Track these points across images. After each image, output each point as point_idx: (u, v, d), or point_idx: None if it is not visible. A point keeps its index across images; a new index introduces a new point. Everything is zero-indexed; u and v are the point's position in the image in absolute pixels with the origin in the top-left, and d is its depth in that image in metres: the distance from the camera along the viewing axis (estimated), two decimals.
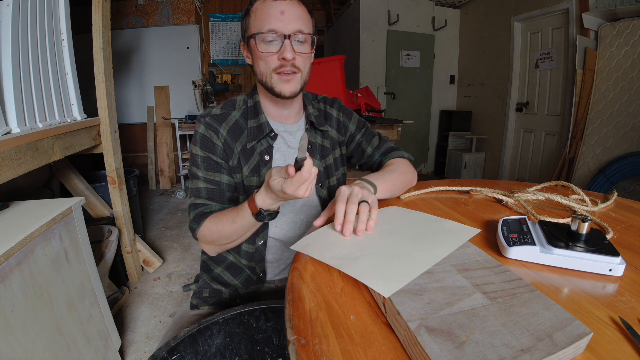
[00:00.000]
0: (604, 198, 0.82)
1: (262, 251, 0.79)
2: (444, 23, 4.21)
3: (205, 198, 0.73)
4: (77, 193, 1.71)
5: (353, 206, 0.55)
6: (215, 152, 0.73)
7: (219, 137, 0.73)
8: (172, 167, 3.77)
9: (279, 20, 0.65)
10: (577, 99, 2.73)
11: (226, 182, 0.74)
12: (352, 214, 0.54)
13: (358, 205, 0.55)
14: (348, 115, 0.89)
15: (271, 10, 0.65)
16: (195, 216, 0.72)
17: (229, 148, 0.74)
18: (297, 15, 0.67)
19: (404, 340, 0.34)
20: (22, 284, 0.79)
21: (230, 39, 3.75)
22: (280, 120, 0.80)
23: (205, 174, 0.73)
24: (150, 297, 1.74)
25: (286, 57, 0.66)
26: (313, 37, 0.71)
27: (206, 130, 0.73)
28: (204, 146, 0.73)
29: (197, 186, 0.73)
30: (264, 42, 0.67)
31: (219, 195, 0.74)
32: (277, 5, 0.65)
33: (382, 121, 2.31)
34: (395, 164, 0.81)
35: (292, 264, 0.53)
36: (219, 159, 0.73)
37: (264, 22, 0.66)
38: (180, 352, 0.64)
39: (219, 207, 0.73)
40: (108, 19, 1.56)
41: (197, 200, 0.73)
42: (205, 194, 0.73)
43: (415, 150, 4.57)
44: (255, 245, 0.78)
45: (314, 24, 0.73)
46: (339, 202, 0.56)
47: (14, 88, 1.06)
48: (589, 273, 0.48)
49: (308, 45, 0.71)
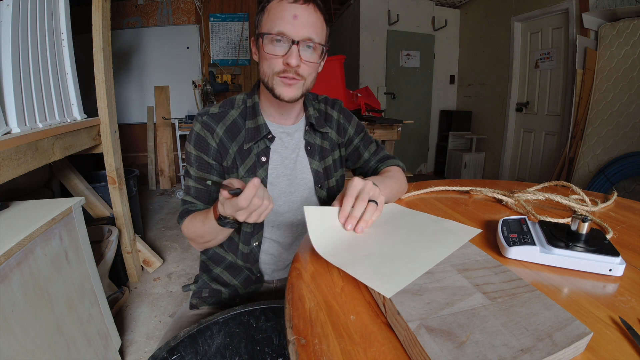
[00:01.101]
0: (604, 198, 0.82)
1: (257, 252, 0.79)
2: (444, 23, 4.21)
3: (193, 197, 0.75)
4: (77, 193, 1.71)
5: (362, 203, 0.55)
6: (208, 152, 0.73)
7: (214, 137, 0.73)
8: (172, 167, 3.77)
9: (291, 24, 0.63)
10: (577, 99, 2.73)
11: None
12: (358, 211, 0.54)
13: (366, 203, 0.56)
14: (348, 118, 0.88)
15: (284, 12, 0.64)
16: (181, 212, 0.75)
17: (223, 148, 0.74)
18: (310, 22, 0.65)
19: (404, 340, 0.34)
20: (22, 284, 0.79)
21: (230, 39, 3.75)
22: (279, 122, 0.79)
23: (196, 172, 0.75)
24: (150, 297, 1.74)
25: (290, 64, 0.65)
26: (323, 48, 0.69)
27: (202, 129, 0.73)
28: (198, 145, 0.73)
29: (188, 184, 0.76)
30: (271, 43, 0.65)
31: (206, 195, 0.75)
32: (292, 8, 0.63)
33: (382, 121, 2.31)
34: (392, 172, 0.82)
35: (292, 264, 0.53)
36: (210, 159, 0.74)
37: (275, 23, 0.64)
38: (180, 352, 0.64)
39: (203, 207, 0.74)
40: (108, 19, 1.56)
41: (186, 197, 0.76)
42: (194, 193, 0.75)
43: (415, 150, 4.57)
44: (250, 247, 0.78)
45: (327, 33, 0.70)
46: (348, 195, 0.55)
47: (14, 88, 1.06)
48: (589, 273, 0.48)
49: (317, 54, 0.68)
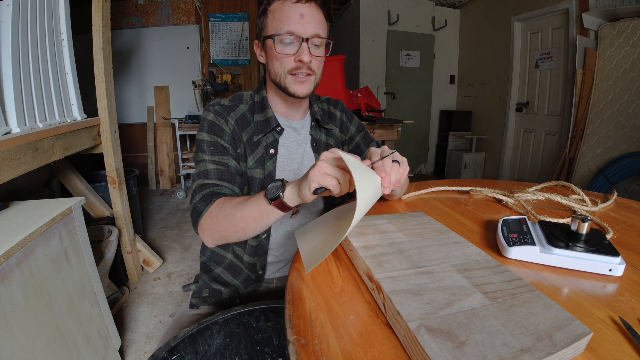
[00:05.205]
0: (604, 198, 0.82)
1: (265, 245, 0.80)
2: (444, 23, 4.21)
3: (215, 178, 0.69)
4: (77, 193, 1.70)
5: (395, 168, 0.53)
6: (223, 137, 0.73)
7: (228, 125, 0.74)
8: (172, 167, 3.77)
9: (299, 23, 0.66)
10: (577, 99, 2.73)
11: (234, 166, 0.73)
12: (393, 173, 0.52)
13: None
14: (350, 117, 0.92)
15: (290, 12, 0.66)
16: (204, 196, 0.67)
17: (237, 135, 0.75)
18: (316, 19, 0.68)
19: (404, 340, 0.34)
20: (22, 284, 0.79)
21: (230, 39, 3.74)
22: (287, 116, 0.81)
23: (212, 157, 0.71)
24: (150, 297, 1.74)
25: (303, 60, 0.68)
26: (329, 42, 0.73)
27: (215, 117, 0.74)
28: (212, 131, 0.72)
29: (206, 168, 0.70)
30: (281, 44, 0.68)
31: (229, 176, 0.71)
32: (297, 7, 0.66)
33: (382, 121, 2.31)
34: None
35: (292, 263, 0.53)
36: (226, 143, 0.73)
37: (283, 23, 0.67)
38: (180, 352, 0.64)
39: (229, 190, 0.71)
40: (108, 19, 1.56)
41: (206, 181, 0.69)
42: (215, 175, 0.69)
43: (415, 150, 4.57)
44: (259, 239, 0.79)
45: (329, 27, 0.74)
46: (374, 154, 0.55)
47: (14, 88, 1.06)
48: (589, 273, 0.48)
49: (323, 49, 0.72)
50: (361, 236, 0.56)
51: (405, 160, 0.56)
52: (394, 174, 0.52)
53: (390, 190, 0.51)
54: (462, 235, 0.57)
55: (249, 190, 0.77)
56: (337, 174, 0.49)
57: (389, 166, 0.52)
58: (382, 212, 0.75)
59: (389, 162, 0.52)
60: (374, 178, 0.49)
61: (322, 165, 0.50)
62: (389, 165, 0.52)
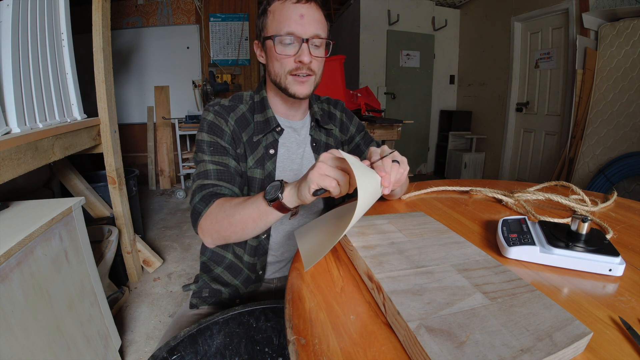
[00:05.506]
0: (604, 198, 0.82)
1: (265, 245, 0.80)
2: (444, 23, 4.21)
3: (215, 179, 0.70)
4: (77, 193, 1.70)
5: (395, 168, 0.53)
6: (223, 137, 0.73)
7: (228, 125, 0.74)
8: (172, 167, 3.77)
9: (299, 23, 0.66)
10: (577, 99, 2.73)
11: (233, 166, 0.73)
12: (393, 173, 0.53)
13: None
14: (350, 117, 0.92)
15: (290, 13, 0.66)
16: (204, 196, 0.67)
17: (236, 136, 0.75)
18: (316, 19, 0.68)
19: (404, 340, 0.34)
20: (22, 284, 0.79)
21: (230, 39, 3.74)
22: (287, 117, 0.81)
23: (212, 157, 0.71)
24: (150, 297, 1.74)
25: (303, 61, 0.68)
26: (329, 42, 0.73)
27: (215, 118, 0.74)
28: (212, 131, 0.73)
29: (205, 168, 0.70)
30: (281, 44, 0.68)
31: (229, 176, 0.71)
32: (297, 8, 0.66)
33: (382, 121, 2.31)
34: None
35: (292, 263, 0.53)
36: (226, 144, 0.73)
37: (283, 24, 0.66)
38: (180, 352, 0.64)
39: (229, 191, 0.70)
40: (108, 19, 1.56)
41: (205, 181, 0.69)
42: (215, 175, 0.70)
43: (415, 150, 4.57)
44: (259, 239, 0.79)
45: (329, 28, 0.74)
46: (374, 154, 0.55)
47: (14, 88, 1.06)
48: (589, 273, 0.48)
49: (323, 49, 0.72)
50: (361, 236, 0.56)
51: (405, 160, 0.56)
52: (394, 174, 0.52)
53: (390, 190, 0.51)
54: (462, 235, 0.57)
55: (249, 191, 0.77)
56: (336, 175, 0.50)
57: (388, 166, 0.52)
58: (382, 212, 0.75)
59: (388, 161, 0.52)
60: (374, 177, 0.49)
61: (321, 166, 0.50)
62: (388, 164, 0.52)
